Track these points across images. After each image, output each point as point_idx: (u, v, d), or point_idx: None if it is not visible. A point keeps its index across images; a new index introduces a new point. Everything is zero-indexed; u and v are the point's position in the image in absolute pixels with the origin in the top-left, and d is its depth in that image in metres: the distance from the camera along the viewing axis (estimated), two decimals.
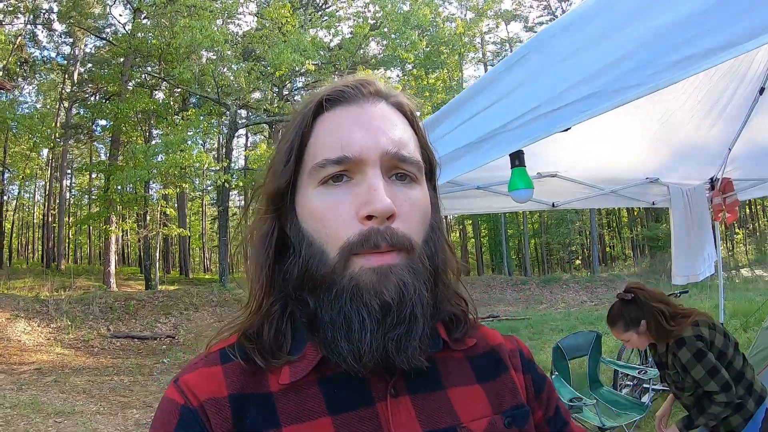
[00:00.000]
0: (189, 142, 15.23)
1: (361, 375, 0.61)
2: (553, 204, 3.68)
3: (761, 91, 2.87)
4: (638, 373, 4.47)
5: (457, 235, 36.41)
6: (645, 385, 4.66)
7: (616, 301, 2.53)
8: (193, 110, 19.37)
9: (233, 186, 18.35)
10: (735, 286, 13.69)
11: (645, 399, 4.33)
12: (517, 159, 2.06)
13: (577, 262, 30.09)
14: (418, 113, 0.71)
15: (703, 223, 3.92)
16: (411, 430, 0.62)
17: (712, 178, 3.98)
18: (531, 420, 0.74)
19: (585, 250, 30.49)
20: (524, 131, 1.41)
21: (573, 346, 4.56)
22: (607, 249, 33.54)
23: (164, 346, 10.66)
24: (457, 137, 1.69)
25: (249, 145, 31.37)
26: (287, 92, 22.02)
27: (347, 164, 0.60)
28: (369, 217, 0.58)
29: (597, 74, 1.18)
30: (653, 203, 4.09)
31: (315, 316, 0.62)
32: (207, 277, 28.05)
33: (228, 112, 17.89)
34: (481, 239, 33.87)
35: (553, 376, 4.25)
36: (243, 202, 35.84)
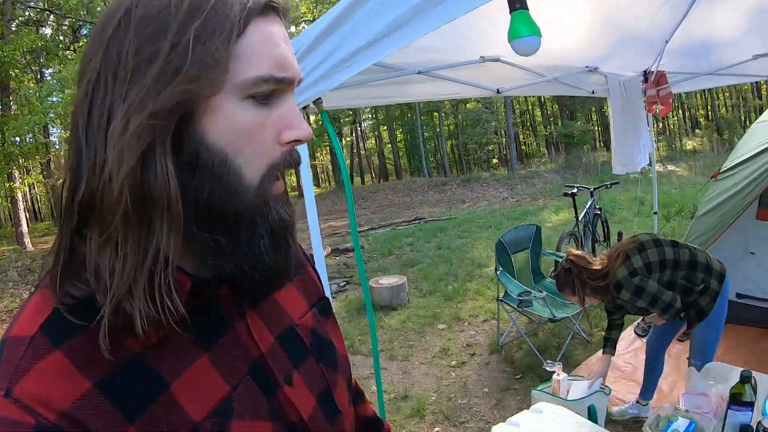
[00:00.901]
0: None
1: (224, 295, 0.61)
2: (497, 90, 3.61)
3: None
4: None
5: (373, 142, 36.22)
6: None
7: (560, 269, 2.72)
8: (86, 40, 17.33)
9: None
10: (651, 181, 14.69)
11: None
12: (518, 1, 1.66)
13: (494, 161, 31.15)
14: None
15: (638, 114, 4.04)
16: (268, 339, 0.64)
17: (645, 71, 4.06)
18: (332, 311, 0.81)
19: (502, 149, 31.48)
20: None
21: (514, 240, 4.66)
22: (523, 147, 34.80)
23: None
24: None
25: None
26: None
27: (284, 84, 0.55)
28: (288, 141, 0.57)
29: None
30: (593, 92, 4.13)
31: (218, 240, 0.55)
32: None
33: None
34: (398, 144, 33.90)
35: (498, 272, 4.34)
36: None
